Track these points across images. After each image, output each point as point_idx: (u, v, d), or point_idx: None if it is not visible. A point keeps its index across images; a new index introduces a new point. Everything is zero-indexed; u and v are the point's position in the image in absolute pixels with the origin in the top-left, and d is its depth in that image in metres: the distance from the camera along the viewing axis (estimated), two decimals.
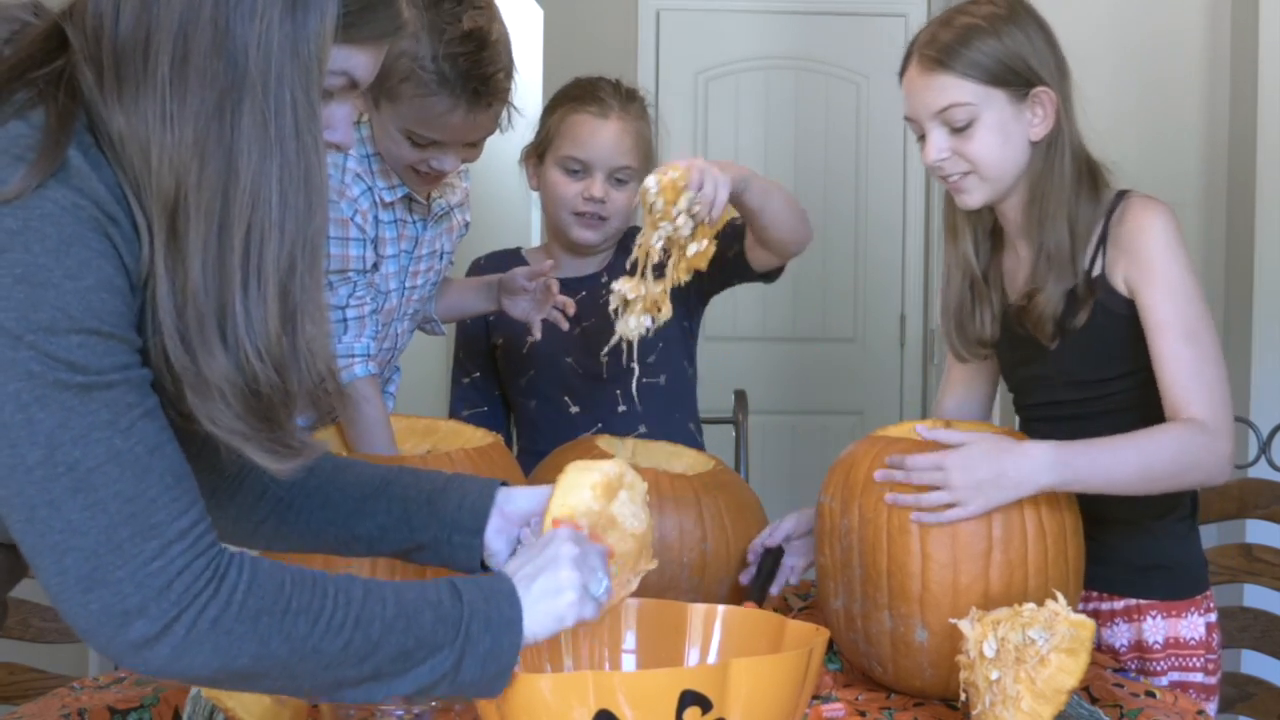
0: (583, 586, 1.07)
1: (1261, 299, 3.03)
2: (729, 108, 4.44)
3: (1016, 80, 1.53)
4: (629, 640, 1.29)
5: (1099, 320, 1.56)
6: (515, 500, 1.25)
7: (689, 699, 1.02)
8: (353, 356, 1.70)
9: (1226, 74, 3.24)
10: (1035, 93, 1.54)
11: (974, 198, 1.58)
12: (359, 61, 1.01)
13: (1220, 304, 3.19)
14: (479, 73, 1.68)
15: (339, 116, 1.04)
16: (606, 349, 1.62)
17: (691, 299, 1.99)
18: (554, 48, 4.31)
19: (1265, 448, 2.24)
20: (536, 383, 2.02)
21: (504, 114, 1.78)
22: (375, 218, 1.79)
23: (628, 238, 2.03)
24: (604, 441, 1.76)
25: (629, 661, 1.28)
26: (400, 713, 1.25)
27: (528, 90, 2.02)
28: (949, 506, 1.38)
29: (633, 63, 4.33)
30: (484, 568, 1.25)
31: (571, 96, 1.99)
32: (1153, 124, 3.31)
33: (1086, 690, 1.40)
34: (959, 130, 1.54)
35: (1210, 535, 2.31)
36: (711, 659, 1.26)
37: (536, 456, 1.81)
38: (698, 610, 1.28)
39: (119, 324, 0.89)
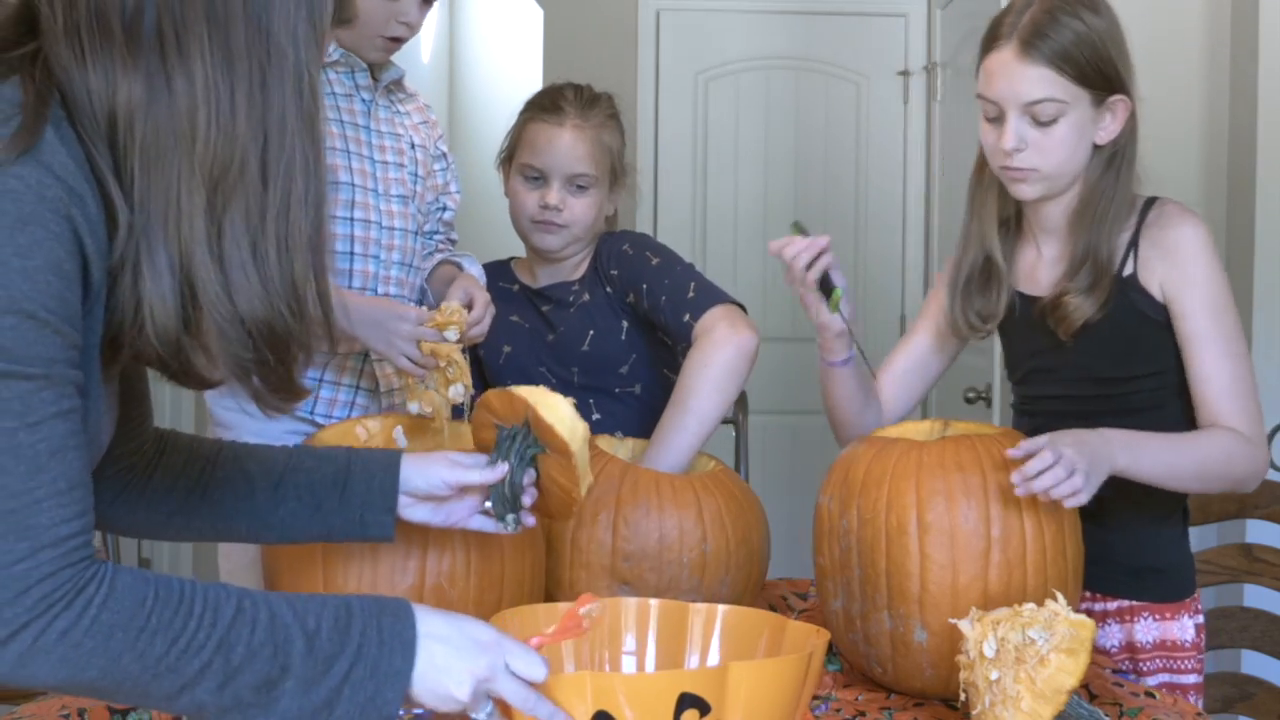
0: (485, 692, 1.03)
1: (1261, 299, 3.03)
2: (729, 108, 4.43)
3: (1101, 84, 1.53)
4: (629, 641, 1.29)
5: (1125, 320, 1.55)
6: (412, 482, 1.28)
7: (687, 701, 1.02)
8: None
9: (1226, 74, 3.24)
10: (1113, 100, 1.54)
11: (1032, 190, 1.57)
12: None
13: None
14: None
15: None
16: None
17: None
18: (554, 48, 4.30)
19: None
20: None
21: None
22: None
23: (602, 250, 2.02)
24: (604, 441, 1.76)
25: (629, 663, 1.28)
26: (399, 713, 1.25)
27: (526, 90, 2.03)
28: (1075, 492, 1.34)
29: (633, 63, 4.32)
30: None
31: (534, 104, 2.02)
32: (1153, 124, 3.29)
33: (1086, 689, 1.40)
34: (1042, 125, 1.53)
35: (1210, 535, 2.31)
36: (712, 660, 1.26)
37: None
38: (698, 610, 1.28)
39: (58, 310, 0.87)
